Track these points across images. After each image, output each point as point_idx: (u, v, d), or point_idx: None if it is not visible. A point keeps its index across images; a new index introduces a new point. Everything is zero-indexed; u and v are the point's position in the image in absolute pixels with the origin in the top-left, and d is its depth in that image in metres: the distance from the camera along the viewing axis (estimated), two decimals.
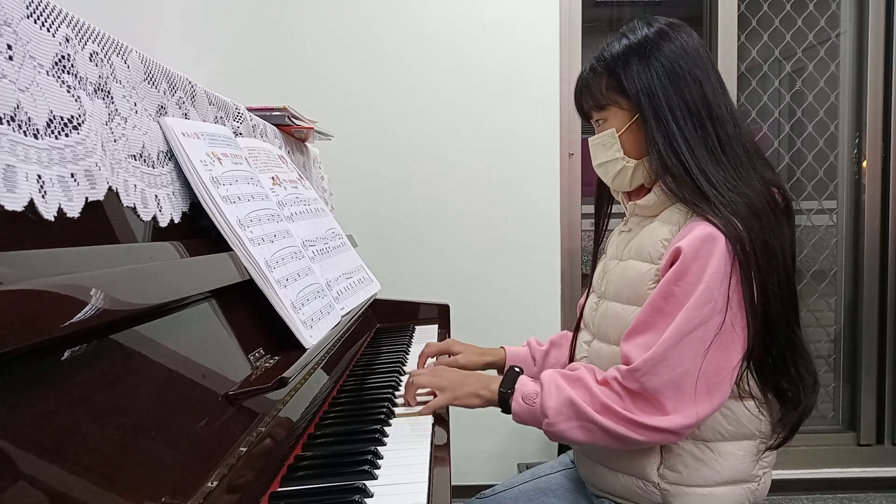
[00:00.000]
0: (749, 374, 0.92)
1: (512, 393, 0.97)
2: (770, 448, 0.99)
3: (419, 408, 0.97)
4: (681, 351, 0.87)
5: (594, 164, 1.08)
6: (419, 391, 1.01)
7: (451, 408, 1.05)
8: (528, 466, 1.35)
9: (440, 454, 0.83)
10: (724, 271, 0.87)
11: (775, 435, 0.98)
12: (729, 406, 0.95)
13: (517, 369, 1.03)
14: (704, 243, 0.88)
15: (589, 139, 1.07)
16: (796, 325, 0.95)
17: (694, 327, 0.87)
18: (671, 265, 0.90)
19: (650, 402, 0.88)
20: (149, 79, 0.76)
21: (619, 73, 0.98)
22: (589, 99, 1.04)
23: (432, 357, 1.22)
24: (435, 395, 0.99)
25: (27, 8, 0.53)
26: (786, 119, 2.47)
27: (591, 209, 1.23)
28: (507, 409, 0.98)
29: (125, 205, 0.67)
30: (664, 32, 0.98)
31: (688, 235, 0.90)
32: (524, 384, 0.97)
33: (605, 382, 0.93)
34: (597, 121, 1.05)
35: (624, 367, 0.91)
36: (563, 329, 2.21)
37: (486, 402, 1.00)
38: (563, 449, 2.05)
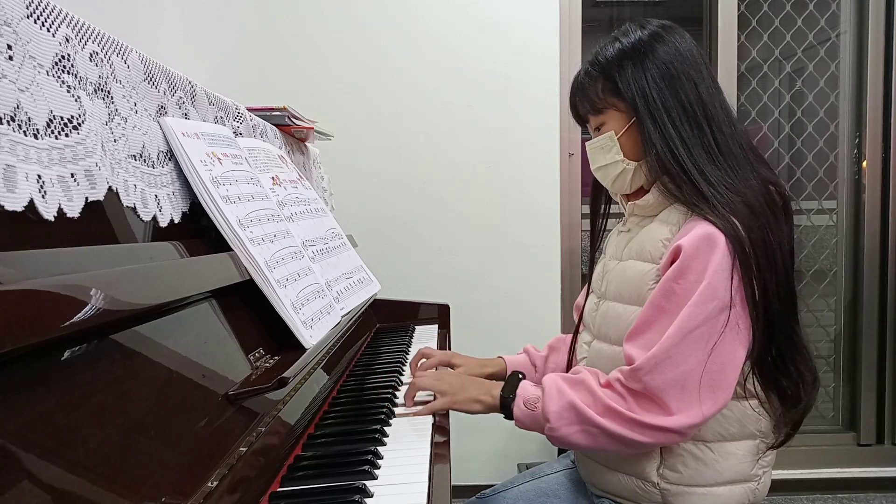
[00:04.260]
0: (752, 374, 0.92)
1: (514, 398, 0.97)
2: (771, 447, 0.99)
3: (418, 408, 0.97)
4: (684, 349, 0.86)
5: (593, 168, 1.08)
6: (419, 393, 1.01)
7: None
8: (528, 466, 1.35)
9: (440, 454, 0.83)
10: (726, 269, 0.87)
11: (776, 434, 0.98)
12: (730, 406, 0.95)
13: (520, 375, 1.03)
14: (705, 241, 0.87)
15: (587, 143, 1.07)
16: (795, 322, 0.95)
17: (697, 325, 0.86)
18: (671, 263, 0.90)
19: (654, 402, 0.88)
20: (149, 79, 0.76)
21: (615, 75, 0.98)
22: (585, 102, 1.04)
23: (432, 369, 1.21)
24: (435, 398, 0.99)
25: (27, 8, 0.53)
26: (786, 119, 2.47)
27: (589, 209, 1.22)
28: (509, 414, 0.98)
29: (125, 205, 0.67)
30: (657, 34, 0.98)
31: (688, 234, 0.90)
32: (525, 389, 0.97)
33: (608, 385, 0.92)
34: (594, 125, 1.05)
35: (627, 367, 0.90)
36: (562, 329, 2.23)
37: (488, 408, 1.00)
38: (563, 449, 2.05)
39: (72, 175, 0.56)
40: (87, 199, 0.58)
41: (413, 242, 2.22)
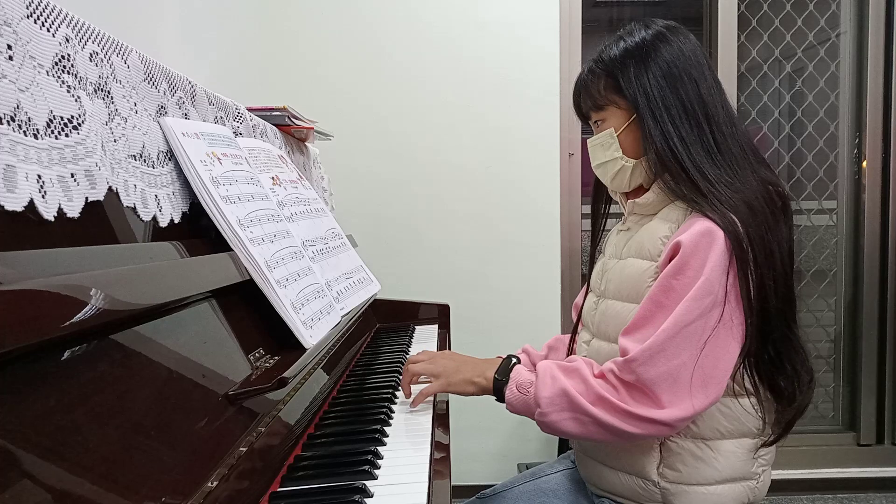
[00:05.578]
0: (745, 371, 0.93)
1: (506, 381, 0.98)
2: (765, 444, 0.99)
3: (414, 395, 0.99)
4: (678, 342, 0.87)
5: (593, 165, 1.09)
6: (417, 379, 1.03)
7: (451, 407, 1.05)
8: (528, 466, 1.35)
9: (440, 454, 0.83)
10: (723, 266, 0.87)
11: (770, 432, 0.98)
12: (727, 404, 0.95)
13: (514, 359, 1.03)
14: (704, 237, 0.88)
15: (588, 140, 1.08)
16: (793, 321, 0.95)
17: (693, 319, 0.87)
18: (670, 260, 0.91)
19: (645, 394, 0.88)
20: (149, 79, 0.76)
21: (617, 74, 0.99)
22: (587, 100, 1.05)
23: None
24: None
25: (27, 8, 0.53)
26: (786, 119, 2.47)
27: (590, 209, 1.23)
28: (500, 397, 0.99)
29: (125, 205, 0.67)
30: (661, 35, 0.99)
31: (687, 230, 0.90)
32: (519, 373, 0.98)
33: (601, 375, 0.93)
34: (595, 122, 1.06)
35: (620, 359, 0.90)
36: (562, 329, 2.23)
37: (481, 390, 1.01)
38: (563, 449, 2.05)
39: (72, 175, 0.56)
40: (87, 199, 0.58)
41: (413, 242, 2.22)
